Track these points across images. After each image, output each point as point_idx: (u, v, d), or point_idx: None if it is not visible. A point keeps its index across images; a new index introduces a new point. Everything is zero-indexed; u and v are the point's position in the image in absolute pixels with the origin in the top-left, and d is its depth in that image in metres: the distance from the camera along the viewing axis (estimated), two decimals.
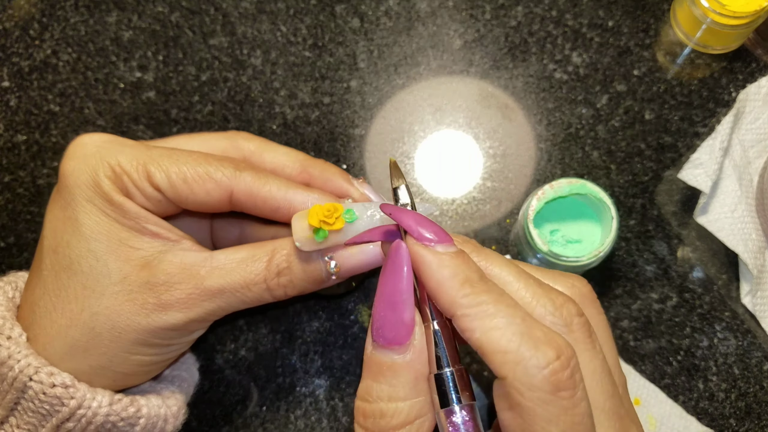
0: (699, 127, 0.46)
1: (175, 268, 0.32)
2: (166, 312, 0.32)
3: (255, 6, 0.49)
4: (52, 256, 0.32)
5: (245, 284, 0.32)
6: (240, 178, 0.33)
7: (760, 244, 0.43)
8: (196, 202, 0.33)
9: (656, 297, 0.43)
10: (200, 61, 0.48)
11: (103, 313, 0.31)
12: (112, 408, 0.31)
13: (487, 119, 0.47)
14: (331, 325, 0.43)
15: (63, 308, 0.32)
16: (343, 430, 0.42)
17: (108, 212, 0.32)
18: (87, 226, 0.31)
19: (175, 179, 0.32)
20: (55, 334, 0.31)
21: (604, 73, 0.47)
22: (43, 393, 0.30)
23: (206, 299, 0.32)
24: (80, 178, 0.32)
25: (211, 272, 0.32)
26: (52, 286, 0.32)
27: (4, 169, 0.47)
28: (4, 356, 0.30)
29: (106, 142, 0.33)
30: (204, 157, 0.33)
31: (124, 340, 0.32)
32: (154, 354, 0.33)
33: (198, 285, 0.32)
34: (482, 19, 0.48)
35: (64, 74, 0.48)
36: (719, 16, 0.43)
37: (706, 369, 0.42)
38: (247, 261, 0.33)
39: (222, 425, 0.42)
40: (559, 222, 0.42)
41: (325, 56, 0.48)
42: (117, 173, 0.32)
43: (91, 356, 0.32)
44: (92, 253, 0.31)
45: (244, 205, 0.33)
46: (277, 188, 0.33)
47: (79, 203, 0.32)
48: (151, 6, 0.49)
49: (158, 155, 0.32)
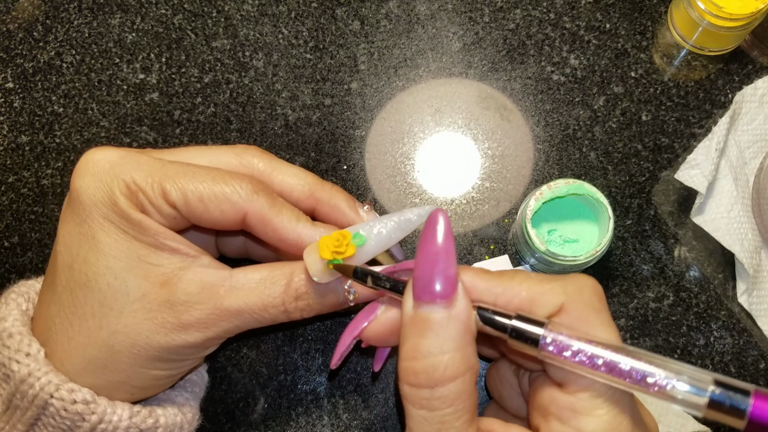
0: (695, 128, 0.46)
1: (195, 287, 0.32)
2: (186, 331, 0.32)
3: (257, 9, 0.50)
4: (67, 273, 0.32)
5: (263, 306, 0.32)
6: (256, 202, 0.32)
7: (756, 244, 0.43)
8: (210, 221, 0.33)
9: (653, 296, 0.44)
10: (203, 63, 0.48)
11: (122, 331, 0.31)
12: (132, 421, 0.31)
13: (485, 120, 0.47)
14: (332, 323, 0.44)
15: (80, 325, 0.31)
16: (343, 426, 0.42)
17: (126, 229, 0.31)
18: (106, 243, 0.31)
19: (191, 197, 0.32)
20: (72, 351, 0.31)
21: (601, 75, 0.47)
22: (64, 410, 0.30)
23: (225, 319, 0.32)
24: (95, 195, 0.31)
25: (229, 292, 0.32)
26: (67, 303, 0.32)
27: (8, 169, 0.47)
28: (24, 374, 0.30)
29: (120, 158, 0.32)
30: (221, 175, 0.33)
31: (142, 357, 0.32)
32: (171, 369, 0.33)
33: (218, 305, 0.32)
34: (481, 21, 0.49)
35: (67, 76, 0.49)
36: (716, 18, 0.43)
37: (702, 368, 0.42)
38: (266, 283, 0.33)
39: (224, 422, 0.42)
40: (556, 222, 0.42)
41: (326, 58, 0.49)
42: (132, 191, 0.32)
43: (109, 372, 0.32)
44: (110, 270, 0.31)
45: (254, 228, 0.33)
46: (288, 220, 0.33)
47: (95, 220, 0.31)
48: (154, 8, 0.50)
49: (174, 172, 0.32)
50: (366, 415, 0.42)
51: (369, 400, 0.42)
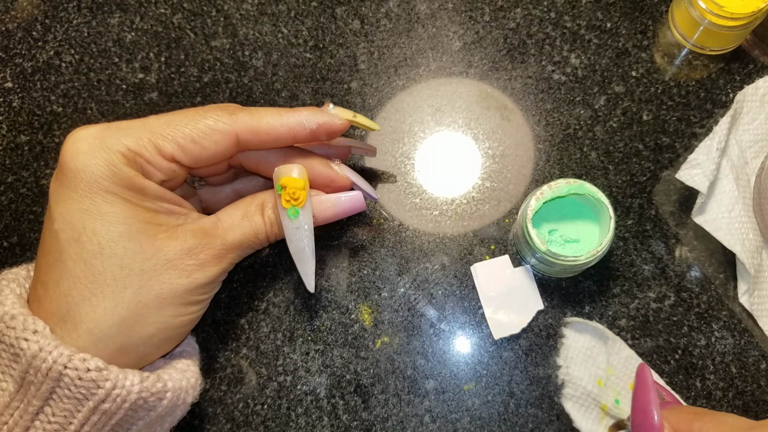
0: (696, 128, 0.46)
1: (200, 233, 0.36)
2: (205, 269, 0.36)
3: (256, 8, 0.50)
4: (75, 246, 0.33)
5: (255, 234, 0.38)
6: (239, 120, 0.36)
7: (757, 244, 0.43)
8: (209, 157, 0.36)
9: (654, 296, 0.43)
10: (202, 63, 0.48)
11: (147, 285, 0.33)
12: (143, 385, 0.32)
13: (486, 120, 0.47)
14: (331, 323, 0.43)
15: (102, 291, 0.33)
16: (343, 427, 0.42)
17: (128, 198, 0.33)
18: (113, 213, 0.33)
19: (185, 143, 0.35)
20: (99, 318, 0.33)
21: (602, 75, 0.47)
22: (79, 378, 0.31)
23: (231, 251, 0.37)
24: (95, 171, 0.33)
25: (226, 231, 0.37)
26: (83, 274, 0.33)
27: (7, 169, 0.47)
28: (36, 350, 0.31)
29: (105, 131, 0.34)
30: (198, 113, 0.35)
31: (168, 304, 0.34)
32: (192, 312, 0.36)
33: (223, 242, 0.36)
34: (481, 21, 0.49)
35: (66, 75, 0.49)
36: (717, 18, 0.43)
37: (703, 368, 0.42)
38: (249, 215, 0.38)
39: (223, 423, 0.42)
40: (557, 222, 0.42)
41: (325, 58, 0.48)
42: (130, 158, 0.33)
43: (140, 328, 0.34)
44: (123, 236, 0.33)
45: (251, 144, 0.37)
46: (273, 118, 0.37)
47: (98, 194, 0.33)
48: (153, 8, 0.50)
49: (158, 127, 0.35)
50: (366, 416, 0.42)
51: (369, 401, 0.42)
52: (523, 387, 0.42)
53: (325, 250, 0.45)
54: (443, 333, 0.43)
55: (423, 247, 0.45)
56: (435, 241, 0.45)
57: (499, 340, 0.43)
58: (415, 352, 0.43)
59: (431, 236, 0.45)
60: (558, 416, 0.42)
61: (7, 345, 0.31)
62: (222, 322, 0.44)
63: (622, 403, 0.41)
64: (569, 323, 0.43)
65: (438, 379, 0.42)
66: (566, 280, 0.44)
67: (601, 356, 0.42)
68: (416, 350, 0.43)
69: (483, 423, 0.42)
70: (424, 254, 0.45)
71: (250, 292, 0.44)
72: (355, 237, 0.45)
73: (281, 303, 0.44)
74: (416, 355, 0.43)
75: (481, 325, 0.43)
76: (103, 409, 0.32)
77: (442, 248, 0.45)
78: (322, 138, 0.38)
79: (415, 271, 0.44)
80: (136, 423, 0.33)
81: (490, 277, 0.44)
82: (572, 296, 0.43)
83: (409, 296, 0.44)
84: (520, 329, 0.43)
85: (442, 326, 0.43)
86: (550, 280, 0.44)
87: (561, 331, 0.43)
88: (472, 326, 0.43)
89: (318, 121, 0.38)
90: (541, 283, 0.44)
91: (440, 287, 0.44)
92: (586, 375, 0.42)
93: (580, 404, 0.41)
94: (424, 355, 0.43)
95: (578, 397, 0.42)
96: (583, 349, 0.42)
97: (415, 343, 0.43)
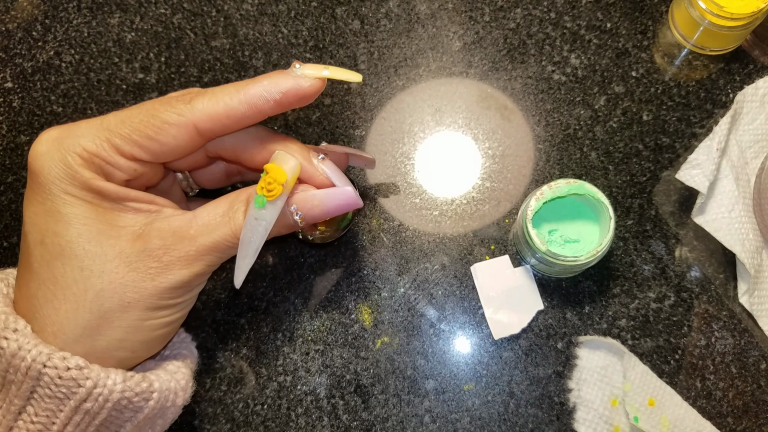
0: (696, 128, 0.46)
1: (167, 233, 0.33)
2: (171, 271, 0.33)
3: (256, 8, 0.50)
4: (40, 248, 0.32)
5: (233, 235, 0.34)
6: (194, 109, 0.33)
7: (757, 244, 0.43)
8: (170, 152, 0.34)
9: (654, 296, 0.43)
10: (202, 63, 0.48)
11: (108, 288, 0.32)
12: (126, 384, 0.32)
13: (486, 120, 0.47)
14: (331, 323, 0.43)
15: (64, 293, 0.32)
16: (343, 428, 0.42)
17: (88, 199, 0.32)
18: (72, 215, 0.32)
19: (141, 140, 0.33)
20: (63, 320, 0.32)
21: (602, 75, 0.47)
22: (59, 377, 0.30)
23: (204, 254, 0.34)
24: (52, 172, 0.32)
25: (200, 231, 0.34)
26: (46, 276, 0.32)
27: (8, 169, 0.47)
28: (15, 348, 0.30)
29: (63, 131, 0.33)
30: (153, 106, 0.33)
31: (134, 308, 0.33)
32: (165, 316, 0.34)
33: (192, 243, 0.33)
34: (481, 21, 0.49)
35: (66, 75, 0.49)
36: (717, 18, 0.43)
37: (703, 368, 0.42)
38: (230, 214, 0.34)
39: (223, 423, 0.42)
40: (557, 222, 0.42)
41: (325, 58, 0.48)
42: (86, 159, 0.32)
43: (106, 332, 0.32)
44: (82, 237, 0.32)
45: (214, 131, 0.34)
46: (230, 97, 0.33)
47: (57, 196, 0.32)
48: (153, 8, 0.50)
49: (114, 125, 0.33)
50: (366, 416, 0.42)
51: (369, 401, 0.42)
52: (523, 387, 0.42)
53: (325, 250, 0.45)
54: (443, 333, 0.43)
55: (423, 247, 0.45)
56: (435, 241, 0.45)
57: (499, 340, 0.43)
58: (415, 352, 0.43)
59: (431, 236, 0.45)
60: (558, 416, 0.42)
61: None
62: (222, 322, 0.44)
63: (641, 421, 0.41)
64: (582, 343, 0.43)
65: (438, 379, 0.42)
66: (566, 280, 0.44)
67: (617, 374, 0.42)
68: (416, 350, 0.43)
69: (483, 423, 0.42)
70: (424, 254, 0.45)
71: (250, 292, 0.44)
72: (355, 237, 0.45)
73: (281, 303, 0.44)
74: (416, 355, 0.43)
75: (481, 325, 0.43)
76: (86, 409, 0.31)
77: (442, 248, 0.45)
78: (294, 105, 0.34)
79: (415, 271, 0.44)
80: (123, 425, 0.33)
81: (490, 277, 0.44)
82: (572, 296, 0.43)
83: (409, 296, 0.44)
84: (520, 329, 0.43)
85: (442, 326, 0.43)
86: (550, 280, 0.44)
87: (574, 352, 0.43)
88: (472, 326, 0.43)
89: (281, 89, 0.33)
90: (541, 283, 0.44)
91: (440, 287, 0.44)
92: (599, 396, 0.42)
93: (593, 428, 0.41)
94: (424, 355, 0.43)
95: (590, 420, 0.41)
96: (598, 368, 0.42)
97: (415, 343, 0.43)
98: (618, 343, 0.42)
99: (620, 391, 0.42)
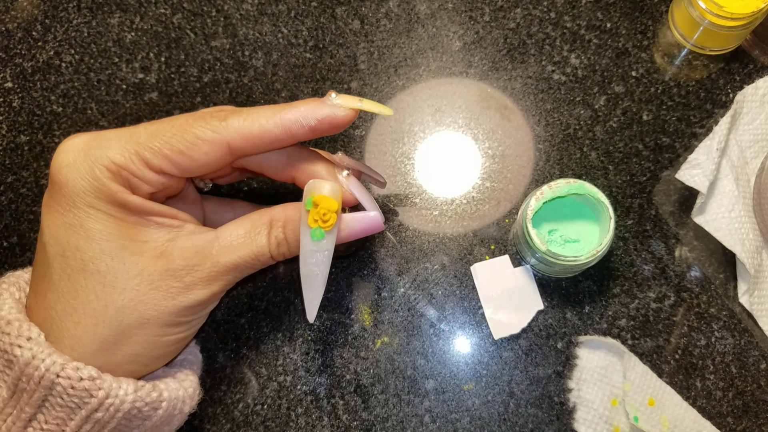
0: (696, 128, 0.46)
1: (189, 252, 0.33)
2: (191, 291, 0.33)
3: (256, 8, 0.50)
4: (61, 261, 0.32)
5: (255, 257, 0.35)
6: (229, 127, 0.33)
7: (757, 244, 0.43)
8: (200, 167, 0.34)
9: (654, 296, 0.43)
10: (202, 63, 0.48)
11: (129, 305, 0.32)
12: (137, 395, 0.32)
13: (486, 120, 0.47)
14: (331, 323, 0.43)
15: (84, 308, 0.32)
16: (343, 428, 0.42)
17: (112, 213, 0.32)
18: (96, 230, 0.32)
19: (172, 155, 0.33)
20: (82, 335, 0.32)
21: (602, 75, 0.47)
22: (71, 387, 0.30)
23: (224, 274, 0.34)
24: (77, 185, 0.32)
25: (222, 251, 0.34)
26: (66, 289, 0.32)
27: (7, 169, 0.47)
28: (28, 357, 0.30)
29: (91, 142, 0.32)
30: (187, 121, 0.33)
31: (152, 325, 0.33)
32: (181, 332, 0.35)
33: (215, 263, 0.34)
34: (481, 21, 0.49)
35: (66, 75, 0.49)
36: (717, 18, 0.43)
37: (703, 368, 0.42)
38: (252, 235, 0.35)
39: (223, 423, 0.42)
40: (557, 222, 0.42)
41: (325, 58, 0.48)
42: (114, 171, 0.32)
43: (123, 347, 0.33)
44: (105, 252, 0.32)
45: (245, 150, 0.34)
46: (266, 119, 0.34)
47: (81, 209, 0.32)
48: (153, 8, 0.50)
49: (145, 138, 0.32)
50: (366, 416, 0.42)
51: (369, 401, 0.42)
52: (523, 387, 0.42)
53: None
54: (443, 333, 0.43)
55: (423, 247, 0.45)
56: (435, 241, 0.45)
57: (499, 340, 0.43)
58: (415, 352, 0.43)
59: (431, 236, 0.45)
60: (558, 416, 0.42)
61: (2, 351, 0.31)
62: (222, 322, 0.44)
63: (641, 421, 0.41)
64: (582, 343, 0.43)
65: (438, 379, 0.43)
66: (566, 280, 0.44)
67: (617, 374, 0.42)
68: (416, 350, 0.43)
69: (483, 423, 0.42)
70: (424, 254, 0.45)
71: (250, 292, 0.44)
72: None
73: (281, 303, 0.44)
74: (416, 355, 0.43)
75: (481, 325, 0.43)
76: (96, 418, 0.31)
77: (442, 248, 0.45)
78: (327, 132, 0.35)
79: (415, 271, 0.44)
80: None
81: (490, 277, 0.44)
82: (572, 296, 0.43)
83: (409, 296, 0.44)
84: (520, 329, 0.43)
85: (442, 326, 0.43)
86: (550, 280, 0.44)
87: (574, 352, 0.43)
88: (472, 326, 0.43)
89: (317, 117, 0.34)
90: (541, 283, 0.44)
91: (440, 287, 0.44)
92: (599, 396, 0.42)
93: (593, 428, 0.41)
94: (424, 355, 0.43)
95: (590, 420, 0.41)
96: (598, 368, 0.42)
97: (415, 343, 0.43)
98: (618, 343, 0.42)
99: (620, 390, 0.42)
